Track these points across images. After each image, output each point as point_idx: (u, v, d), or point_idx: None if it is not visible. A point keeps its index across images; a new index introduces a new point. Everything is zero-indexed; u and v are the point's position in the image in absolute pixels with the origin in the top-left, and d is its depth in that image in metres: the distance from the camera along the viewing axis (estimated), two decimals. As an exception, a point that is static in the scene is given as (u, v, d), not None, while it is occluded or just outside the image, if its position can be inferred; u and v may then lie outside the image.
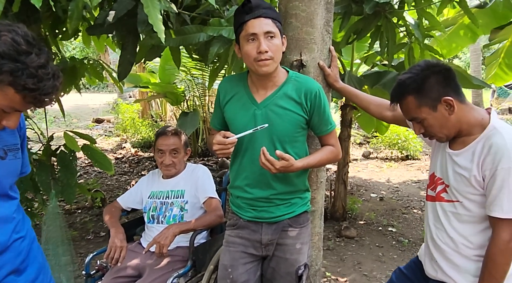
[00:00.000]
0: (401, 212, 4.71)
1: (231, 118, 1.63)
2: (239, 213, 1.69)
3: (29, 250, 1.28)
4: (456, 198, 1.40)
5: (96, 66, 3.34)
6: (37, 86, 1.00)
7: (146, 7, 1.48)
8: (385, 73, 3.70)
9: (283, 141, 1.56)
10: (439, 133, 1.40)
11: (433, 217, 1.50)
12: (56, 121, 11.75)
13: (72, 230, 4.01)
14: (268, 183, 1.59)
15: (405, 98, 1.37)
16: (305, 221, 1.70)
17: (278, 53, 1.48)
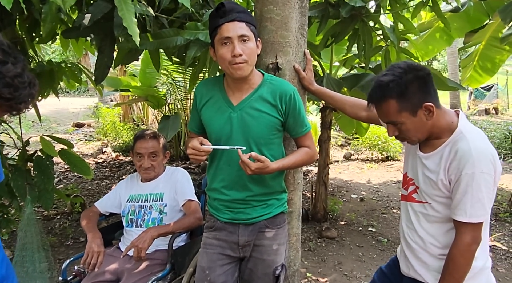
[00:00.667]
0: (380, 212, 4.78)
1: (207, 121, 1.64)
2: (216, 214, 1.70)
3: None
4: (425, 199, 1.44)
5: (75, 70, 3.30)
6: (13, 96, 1.00)
7: (121, 10, 1.48)
8: (363, 76, 3.76)
9: (259, 143, 1.58)
10: (413, 137, 1.41)
11: (405, 217, 1.55)
12: (34, 126, 11.51)
13: (51, 236, 3.94)
14: (244, 184, 1.61)
15: (386, 101, 1.34)
16: (282, 221, 1.72)
17: (252, 56, 1.50)
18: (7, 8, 1.34)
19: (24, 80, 1.02)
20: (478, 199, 1.30)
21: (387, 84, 1.33)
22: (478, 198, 1.30)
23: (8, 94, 0.98)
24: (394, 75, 1.33)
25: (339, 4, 2.80)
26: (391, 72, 1.35)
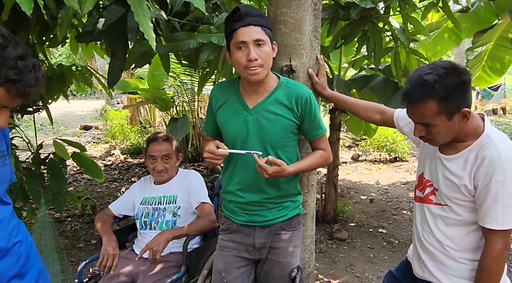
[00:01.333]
0: (390, 213, 4.76)
1: (223, 124, 1.65)
2: (231, 217, 1.70)
3: (28, 254, 1.29)
4: (445, 202, 1.41)
5: (85, 73, 3.33)
6: (19, 78, 1.00)
7: (137, 15, 1.49)
8: (372, 77, 3.76)
9: (275, 146, 1.58)
10: (439, 140, 1.37)
11: (420, 219, 1.53)
12: (43, 129, 11.61)
13: (63, 238, 3.97)
14: (260, 187, 1.61)
15: (426, 102, 1.28)
16: (297, 224, 1.72)
17: (268, 60, 1.50)
18: (24, 13, 1.36)
19: (28, 63, 1.03)
20: (509, 205, 1.27)
21: (431, 85, 1.26)
22: (509, 205, 1.27)
23: (13, 76, 0.99)
24: (439, 76, 1.27)
25: (349, 5, 2.80)
26: (435, 72, 1.28)
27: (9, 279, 1.20)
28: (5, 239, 1.17)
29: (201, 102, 7.88)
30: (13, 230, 1.22)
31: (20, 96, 1.04)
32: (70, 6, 1.49)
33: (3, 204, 1.19)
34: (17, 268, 1.22)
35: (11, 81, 0.99)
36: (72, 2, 1.47)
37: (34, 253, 1.35)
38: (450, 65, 1.30)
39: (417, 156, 7.68)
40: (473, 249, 1.39)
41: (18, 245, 1.24)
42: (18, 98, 1.04)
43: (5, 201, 1.20)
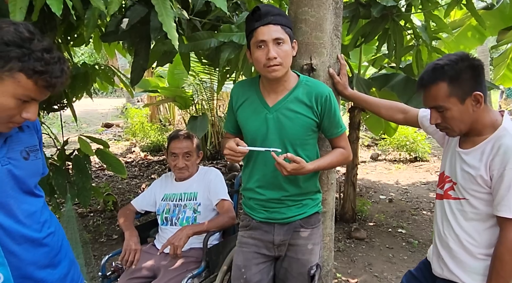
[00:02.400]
0: (410, 213, 4.71)
1: (243, 122, 1.67)
2: (251, 214, 1.72)
3: (61, 245, 1.34)
4: (463, 195, 1.42)
5: (107, 72, 3.40)
6: (46, 69, 1.04)
7: (160, 15, 1.53)
8: (393, 76, 3.72)
9: (294, 144, 1.60)
10: (455, 127, 1.39)
11: (440, 215, 1.53)
12: (66, 126, 11.88)
13: (85, 232, 4.07)
14: (280, 184, 1.63)
15: (437, 83, 1.35)
16: (317, 222, 1.73)
17: (287, 59, 1.51)
18: (52, 14, 1.41)
19: (54, 55, 1.06)
20: None
21: (441, 67, 1.34)
22: None
23: (41, 67, 1.03)
24: (450, 60, 1.34)
25: (370, 4, 2.79)
26: (446, 58, 1.36)
27: (43, 268, 1.25)
28: (37, 230, 1.22)
29: (220, 101, 7.95)
30: (46, 221, 1.27)
31: (48, 88, 1.07)
32: (96, 7, 1.53)
33: (35, 196, 1.24)
34: (50, 258, 1.27)
35: (38, 73, 1.03)
36: (98, 3, 1.51)
37: (66, 244, 1.40)
38: (462, 54, 1.36)
39: (438, 156, 7.56)
40: (492, 245, 1.38)
41: (51, 236, 1.28)
42: (46, 90, 1.07)
43: (37, 194, 1.25)
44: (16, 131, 1.19)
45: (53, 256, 1.28)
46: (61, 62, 1.07)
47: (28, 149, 1.21)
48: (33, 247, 1.21)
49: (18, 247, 1.16)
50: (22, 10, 1.46)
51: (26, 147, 1.21)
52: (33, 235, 1.20)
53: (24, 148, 1.20)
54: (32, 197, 1.22)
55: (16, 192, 1.16)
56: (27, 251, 1.19)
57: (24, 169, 1.18)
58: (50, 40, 1.08)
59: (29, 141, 1.23)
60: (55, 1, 1.35)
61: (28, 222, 1.20)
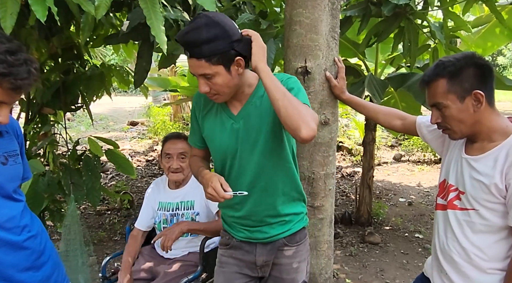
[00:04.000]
0: (430, 217, 4.55)
1: (209, 136, 1.49)
2: (231, 232, 1.60)
3: (44, 248, 1.36)
4: (472, 205, 1.32)
5: (123, 73, 3.46)
6: (9, 71, 1.04)
7: (149, 19, 1.52)
8: (410, 75, 3.59)
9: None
10: (455, 127, 1.32)
11: (443, 226, 1.43)
12: (94, 124, 12.20)
13: (101, 230, 4.16)
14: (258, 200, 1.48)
15: (437, 80, 1.30)
16: (302, 237, 1.59)
17: (223, 88, 1.32)
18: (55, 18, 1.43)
19: (19, 57, 1.06)
20: None
21: (443, 63, 1.31)
22: None
23: (3, 70, 1.03)
24: (454, 58, 1.31)
25: (381, 2, 2.69)
26: (452, 56, 1.33)
27: (24, 271, 1.27)
28: (17, 233, 1.24)
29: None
30: (26, 225, 1.29)
31: (15, 90, 1.07)
32: (87, 11, 1.54)
33: (15, 200, 1.26)
34: (31, 261, 1.29)
35: (2, 75, 1.03)
36: (89, 7, 1.52)
37: (50, 246, 1.42)
38: (469, 52, 1.32)
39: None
40: (504, 258, 1.30)
41: (32, 239, 1.30)
42: (13, 92, 1.07)
43: (16, 198, 1.27)
44: None
45: (35, 259, 1.30)
46: (27, 63, 1.07)
47: (6, 154, 1.23)
48: (12, 250, 1.23)
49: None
50: (13, 16, 1.48)
51: (5, 152, 1.23)
52: (12, 238, 1.22)
53: (2, 153, 1.22)
54: (11, 201, 1.24)
55: None
56: (6, 254, 1.21)
57: (1, 174, 1.20)
58: (17, 43, 1.08)
59: (8, 146, 1.25)
60: (40, 7, 1.36)
61: (7, 226, 1.22)
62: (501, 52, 22.00)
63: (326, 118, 1.81)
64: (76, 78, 3.11)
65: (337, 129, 1.93)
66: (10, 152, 1.25)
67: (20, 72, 1.05)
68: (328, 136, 1.84)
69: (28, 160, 1.45)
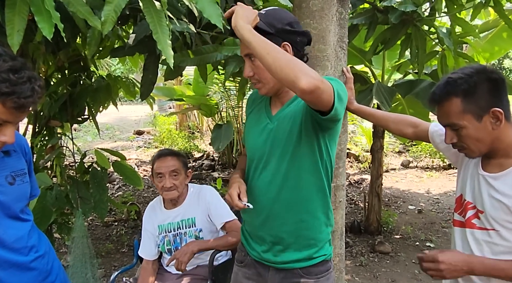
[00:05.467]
0: (441, 225, 4.48)
1: (245, 133, 1.50)
2: (247, 248, 1.52)
3: (51, 268, 1.34)
4: (492, 226, 1.26)
5: (129, 84, 3.47)
6: (13, 90, 1.01)
7: (155, 33, 1.50)
8: (418, 82, 3.56)
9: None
10: (472, 146, 1.25)
11: (462, 245, 1.36)
12: (100, 133, 12.25)
13: (108, 242, 4.14)
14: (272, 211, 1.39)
15: (450, 99, 1.22)
16: (324, 271, 1.43)
17: (263, 73, 1.30)
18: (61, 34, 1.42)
19: (22, 75, 1.03)
20: None
21: (454, 81, 1.23)
22: None
23: (6, 89, 1.00)
24: (464, 74, 1.22)
25: (388, 9, 2.67)
26: (461, 71, 1.24)
27: None
28: (24, 254, 1.22)
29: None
30: (33, 245, 1.27)
31: (18, 109, 1.04)
32: (93, 26, 1.53)
33: (22, 220, 1.24)
34: (38, 281, 1.27)
35: (5, 94, 1.01)
36: (95, 22, 1.51)
37: (57, 266, 1.40)
38: (480, 66, 1.24)
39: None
40: None
41: (40, 259, 1.29)
42: (16, 111, 1.05)
43: (24, 218, 1.25)
44: (1, 157, 1.19)
45: (42, 279, 1.28)
46: (31, 81, 1.05)
47: (14, 174, 1.21)
48: (20, 271, 1.21)
49: (4, 272, 1.17)
50: (20, 33, 1.47)
51: (12, 172, 1.21)
52: (19, 259, 1.20)
53: (10, 172, 1.20)
54: (19, 221, 1.23)
55: (1, 218, 1.16)
56: (13, 275, 1.20)
57: (9, 194, 1.18)
58: (21, 60, 1.06)
59: (16, 165, 1.23)
60: (46, 24, 1.35)
61: (15, 247, 1.20)
62: (508, 55, 21.84)
63: (335, 129, 1.77)
64: (83, 90, 3.12)
65: (346, 141, 1.90)
66: (18, 171, 1.23)
67: (24, 91, 1.03)
68: (338, 148, 1.80)
69: (35, 173, 1.43)
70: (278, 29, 1.28)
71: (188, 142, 8.57)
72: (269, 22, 1.28)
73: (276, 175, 1.35)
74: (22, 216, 1.24)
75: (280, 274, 1.42)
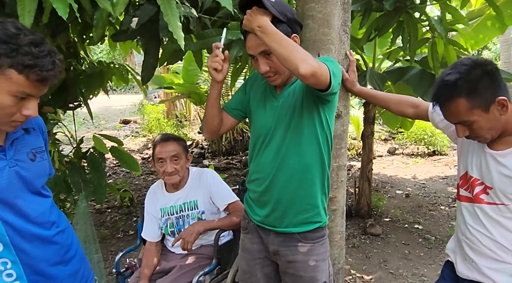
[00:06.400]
0: (427, 208, 4.64)
1: (253, 111, 1.59)
2: (250, 214, 1.66)
3: (71, 243, 1.37)
4: (501, 200, 1.33)
5: (122, 70, 3.45)
6: (35, 63, 1.03)
7: (166, 15, 1.53)
8: (408, 69, 3.65)
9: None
10: (486, 135, 1.31)
11: (472, 219, 1.41)
12: (85, 123, 12.11)
13: (103, 228, 4.16)
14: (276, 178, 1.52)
15: (455, 100, 1.26)
16: (319, 236, 1.57)
17: (281, 66, 1.40)
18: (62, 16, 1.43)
19: (43, 48, 1.05)
20: None
21: (454, 83, 1.25)
22: None
23: (29, 61, 1.02)
24: (460, 73, 1.25)
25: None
26: (456, 70, 1.27)
27: (54, 265, 1.28)
28: (47, 228, 1.25)
29: (235, 96, 7.95)
30: (54, 220, 1.30)
31: (41, 82, 1.06)
32: (103, 8, 1.54)
33: (43, 196, 1.27)
34: (61, 255, 1.30)
35: (28, 67, 1.02)
36: (105, 4, 1.53)
37: (76, 242, 1.43)
38: (471, 61, 1.27)
39: (457, 149, 7.39)
40: None
41: (60, 234, 1.31)
42: (39, 84, 1.06)
43: (45, 194, 1.28)
44: (22, 134, 1.21)
45: (64, 253, 1.31)
46: (51, 55, 1.07)
47: (34, 151, 1.23)
48: (43, 244, 1.24)
49: (29, 245, 1.19)
50: (31, 13, 1.48)
51: (33, 149, 1.23)
52: (43, 233, 1.23)
53: (31, 149, 1.22)
54: (40, 197, 1.25)
55: (24, 193, 1.19)
56: (38, 248, 1.23)
57: (31, 170, 1.20)
58: (40, 35, 1.07)
59: (35, 143, 1.25)
60: (61, 4, 1.36)
61: (38, 221, 1.23)
62: (487, 46, 22.28)
63: (338, 111, 1.83)
64: (77, 76, 3.10)
65: (348, 122, 1.97)
66: (37, 149, 1.25)
67: (46, 64, 1.05)
68: (340, 129, 1.88)
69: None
70: (289, 19, 1.41)
71: (177, 130, 8.55)
72: (281, 11, 1.39)
73: (281, 145, 1.48)
74: (43, 192, 1.27)
75: (279, 238, 1.56)
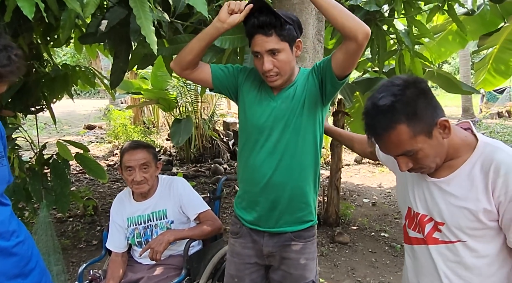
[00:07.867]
0: (393, 217, 4.74)
1: (246, 106, 1.60)
2: (241, 218, 1.66)
3: (31, 254, 1.30)
4: (457, 237, 1.14)
5: (88, 74, 3.33)
6: None
7: (139, 18, 1.49)
8: (376, 80, 3.75)
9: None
10: (431, 164, 1.14)
11: (427, 266, 1.22)
12: (47, 128, 11.66)
13: (64, 238, 3.97)
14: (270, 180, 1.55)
15: (395, 128, 1.06)
16: (310, 236, 1.64)
17: (285, 67, 1.46)
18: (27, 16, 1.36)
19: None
20: None
21: (391, 107, 1.05)
22: None
23: None
24: (395, 95, 1.06)
25: (353, 8, 2.79)
26: (389, 92, 1.07)
27: (13, 278, 1.20)
28: (6, 239, 1.18)
29: (205, 103, 7.89)
30: (14, 230, 1.22)
31: None
32: (72, 9, 1.48)
33: (2, 204, 1.20)
34: (20, 267, 1.23)
35: None
36: (74, 5, 1.46)
37: (36, 253, 1.36)
38: (402, 81, 1.10)
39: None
40: None
41: (20, 244, 1.25)
42: None
43: (4, 202, 1.20)
44: None
45: (23, 265, 1.24)
46: (7, 49, 1.02)
47: None
48: (2, 256, 1.17)
49: None
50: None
51: None
52: (1, 244, 1.16)
53: None
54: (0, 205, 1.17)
55: None
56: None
57: None
58: None
59: None
60: (26, 3, 1.29)
61: None
62: (447, 60, 23.34)
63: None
64: (39, 79, 2.97)
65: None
66: None
67: (0, 59, 0.99)
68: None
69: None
70: (295, 21, 1.48)
71: (144, 137, 8.38)
72: (287, 15, 1.46)
73: (277, 145, 1.51)
74: (2, 200, 1.19)
75: (274, 239, 1.60)
